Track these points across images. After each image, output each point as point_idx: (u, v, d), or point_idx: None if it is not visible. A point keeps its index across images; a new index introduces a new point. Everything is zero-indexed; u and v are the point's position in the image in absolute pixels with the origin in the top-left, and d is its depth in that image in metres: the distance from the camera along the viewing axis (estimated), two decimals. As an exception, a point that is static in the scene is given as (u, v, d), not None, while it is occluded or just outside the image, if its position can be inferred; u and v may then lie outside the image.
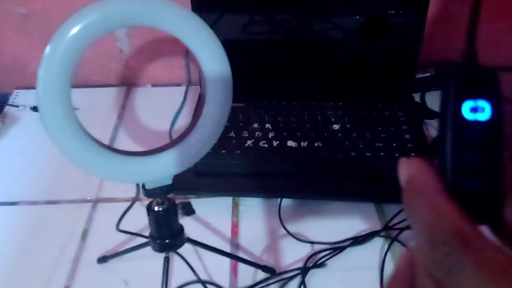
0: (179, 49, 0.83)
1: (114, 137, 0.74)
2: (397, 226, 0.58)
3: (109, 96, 0.83)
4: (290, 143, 0.65)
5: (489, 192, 0.19)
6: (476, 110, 0.18)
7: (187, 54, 0.83)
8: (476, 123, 0.18)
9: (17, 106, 0.80)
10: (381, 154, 0.63)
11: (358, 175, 0.61)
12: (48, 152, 0.69)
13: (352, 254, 0.56)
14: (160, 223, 0.46)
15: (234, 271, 0.55)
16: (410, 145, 0.64)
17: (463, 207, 0.18)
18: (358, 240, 0.57)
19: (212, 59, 0.39)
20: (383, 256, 0.55)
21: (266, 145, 0.65)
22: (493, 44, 0.79)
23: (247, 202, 0.63)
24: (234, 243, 0.58)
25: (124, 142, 0.73)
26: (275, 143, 0.65)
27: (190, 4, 0.68)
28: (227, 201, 0.63)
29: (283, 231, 0.59)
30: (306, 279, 0.53)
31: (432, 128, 0.71)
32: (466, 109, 0.18)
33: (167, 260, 0.49)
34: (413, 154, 0.63)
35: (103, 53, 0.83)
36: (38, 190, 0.65)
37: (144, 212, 0.45)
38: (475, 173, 0.18)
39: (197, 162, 0.42)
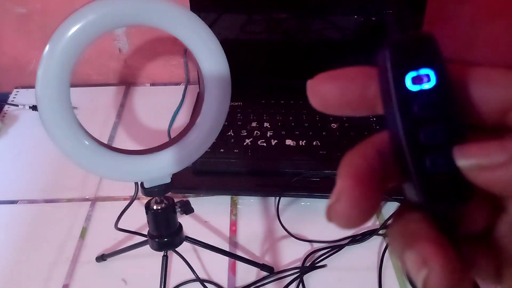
0: (178, 49, 0.83)
1: (113, 136, 0.75)
2: (395, 224, 0.58)
3: (108, 95, 0.83)
4: (289, 142, 0.65)
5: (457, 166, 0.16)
6: (421, 80, 0.16)
7: (185, 53, 0.84)
8: (423, 92, 0.16)
9: (17, 105, 0.80)
10: (379, 153, 0.63)
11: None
12: (47, 151, 0.70)
13: (350, 252, 0.56)
14: (158, 222, 0.46)
15: (232, 270, 0.55)
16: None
17: (431, 189, 0.16)
18: (356, 239, 0.57)
19: (211, 58, 0.39)
20: (381, 255, 0.55)
21: (265, 144, 0.65)
22: (491, 44, 0.79)
23: (245, 200, 0.63)
24: (233, 242, 0.58)
25: (123, 141, 0.73)
26: (273, 142, 0.65)
27: (188, 4, 0.68)
28: (226, 199, 0.63)
29: (282, 229, 0.59)
30: (305, 277, 0.53)
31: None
32: (409, 81, 0.16)
33: (165, 259, 0.49)
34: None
35: (102, 52, 0.83)
36: (37, 189, 0.66)
37: (142, 210, 0.45)
38: (436, 149, 0.16)
39: (195, 161, 0.42)
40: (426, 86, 0.16)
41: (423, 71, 0.16)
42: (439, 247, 0.16)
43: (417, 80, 0.16)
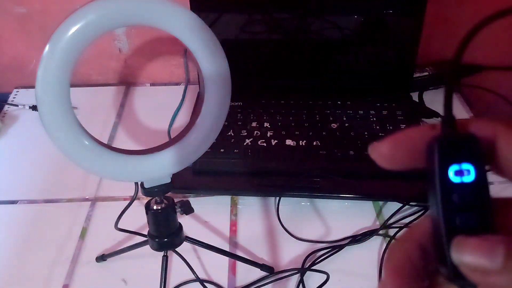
0: (178, 48, 0.83)
1: (113, 136, 0.75)
2: (396, 224, 0.58)
3: (108, 95, 0.83)
4: (289, 142, 0.65)
5: None
6: (462, 173, 0.19)
7: (186, 53, 0.83)
8: (463, 184, 0.19)
9: (17, 105, 0.80)
10: (379, 153, 0.63)
11: (356, 173, 0.61)
12: (47, 151, 0.70)
13: (351, 253, 0.56)
14: (158, 222, 0.46)
15: (232, 270, 0.55)
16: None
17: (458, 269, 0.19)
18: (357, 239, 0.57)
19: (211, 58, 0.39)
20: (381, 255, 0.55)
21: (265, 144, 0.65)
22: (491, 44, 0.79)
23: (245, 200, 0.63)
24: (233, 242, 0.58)
25: (123, 141, 0.73)
26: (273, 142, 0.65)
27: (188, 3, 0.68)
28: (226, 199, 0.63)
29: (282, 229, 0.59)
30: (305, 277, 0.53)
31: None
32: (452, 173, 0.19)
33: (165, 259, 0.49)
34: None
35: (102, 52, 0.83)
36: (37, 189, 0.66)
37: (142, 210, 0.45)
38: (469, 233, 0.19)
39: (195, 161, 0.42)
40: (466, 179, 0.19)
41: (465, 166, 0.19)
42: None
43: (459, 173, 0.19)
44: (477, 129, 0.20)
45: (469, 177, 0.19)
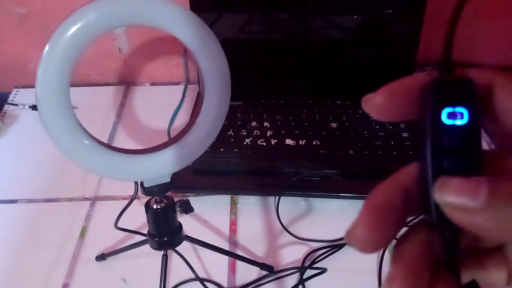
0: (177, 48, 0.83)
1: (113, 135, 0.75)
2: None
3: (108, 95, 0.83)
4: (288, 141, 0.65)
5: None
6: (455, 116, 0.19)
7: (185, 53, 0.84)
8: (455, 127, 0.19)
9: (17, 105, 0.80)
10: (379, 152, 0.63)
11: (356, 173, 0.61)
12: (47, 151, 0.70)
13: (350, 252, 0.56)
14: (158, 221, 0.46)
15: (232, 269, 0.55)
16: (408, 143, 0.64)
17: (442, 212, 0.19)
18: (356, 238, 0.57)
19: (211, 58, 0.39)
20: (381, 254, 0.55)
21: (264, 143, 0.65)
22: (492, 43, 0.79)
23: (245, 200, 0.63)
24: (233, 241, 0.58)
25: (123, 141, 0.73)
26: (273, 141, 0.65)
27: (188, 3, 0.68)
28: (226, 199, 0.63)
29: (281, 229, 0.59)
30: (305, 276, 0.53)
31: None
32: (444, 115, 0.19)
33: (165, 258, 0.49)
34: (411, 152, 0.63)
35: (102, 52, 0.83)
36: (37, 188, 0.66)
37: (142, 210, 0.45)
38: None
39: (195, 160, 0.42)
40: (459, 122, 0.19)
41: (459, 109, 0.19)
42: (407, 272, 0.19)
43: (452, 115, 0.19)
44: (475, 76, 0.19)
45: (462, 121, 0.19)
